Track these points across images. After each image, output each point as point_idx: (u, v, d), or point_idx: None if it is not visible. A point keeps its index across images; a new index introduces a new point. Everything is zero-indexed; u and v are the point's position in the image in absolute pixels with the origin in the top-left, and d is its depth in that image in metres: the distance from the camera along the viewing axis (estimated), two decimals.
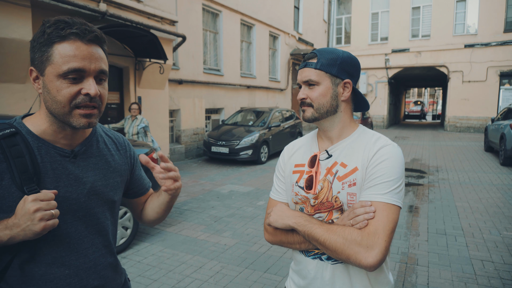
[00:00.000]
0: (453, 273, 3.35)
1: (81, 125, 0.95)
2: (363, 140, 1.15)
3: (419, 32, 18.63)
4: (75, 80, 0.91)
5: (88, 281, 1.03)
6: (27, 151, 0.93)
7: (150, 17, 6.91)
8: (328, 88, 1.13)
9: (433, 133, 17.75)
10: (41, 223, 0.85)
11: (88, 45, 0.92)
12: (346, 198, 1.09)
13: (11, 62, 4.88)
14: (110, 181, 1.10)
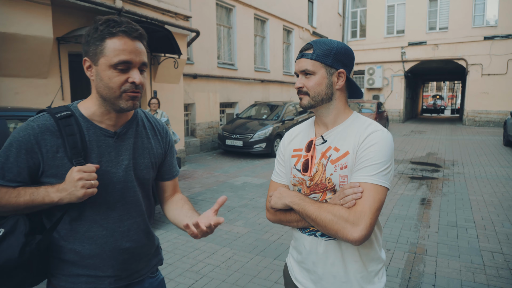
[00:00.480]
0: (462, 263, 3.38)
1: (128, 106, 1.12)
2: (356, 126, 1.22)
3: (437, 25, 18.24)
4: (123, 70, 1.08)
5: (122, 243, 1.20)
6: (78, 131, 1.12)
7: (165, 12, 7.05)
8: (323, 77, 1.20)
9: (451, 128, 17.43)
10: (82, 190, 1.03)
11: (133, 41, 1.09)
12: (338, 179, 1.18)
13: (33, 58, 5.10)
14: (145, 160, 1.25)
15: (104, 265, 1.18)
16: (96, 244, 1.16)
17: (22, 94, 5.11)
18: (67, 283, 1.17)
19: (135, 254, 1.25)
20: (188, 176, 7.24)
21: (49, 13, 5.10)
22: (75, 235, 1.15)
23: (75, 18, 5.74)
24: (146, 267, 1.32)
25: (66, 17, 5.60)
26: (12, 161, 1.08)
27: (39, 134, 1.08)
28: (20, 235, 1.07)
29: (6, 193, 1.07)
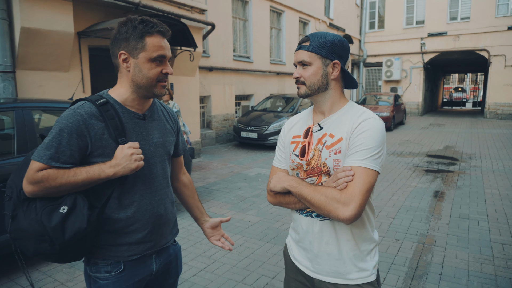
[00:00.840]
0: (470, 254, 3.41)
1: (161, 92, 1.34)
2: (350, 114, 1.30)
3: (458, 15, 17.73)
4: (160, 63, 1.30)
5: (158, 209, 1.41)
6: (116, 115, 1.29)
7: (181, 6, 7.17)
8: (319, 68, 1.28)
9: (471, 121, 17.02)
10: (135, 162, 1.24)
11: (165, 39, 1.32)
12: (332, 164, 1.26)
13: (56, 52, 5.32)
14: (167, 138, 1.47)
15: (143, 231, 1.36)
16: (138, 211, 1.35)
17: (45, 86, 5.34)
18: (112, 252, 1.33)
19: (166, 220, 1.45)
20: (204, 167, 7.41)
21: (70, 9, 5.30)
22: (120, 207, 1.32)
23: (95, 13, 5.93)
24: (170, 234, 1.52)
25: (86, 12, 5.79)
26: (64, 145, 1.21)
27: (87, 119, 1.24)
28: (84, 209, 1.23)
29: (64, 174, 1.21)
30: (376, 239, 1.36)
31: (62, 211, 1.21)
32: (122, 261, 1.35)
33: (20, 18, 4.77)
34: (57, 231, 1.18)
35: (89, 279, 1.37)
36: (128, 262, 1.36)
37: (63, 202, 1.23)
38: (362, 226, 1.30)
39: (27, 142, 3.06)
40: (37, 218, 1.20)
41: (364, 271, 1.29)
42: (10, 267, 3.19)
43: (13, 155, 2.99)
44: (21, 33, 4.82)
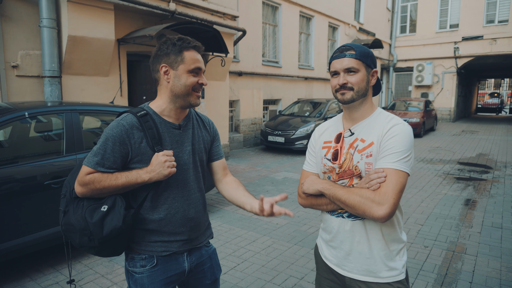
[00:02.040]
0: (503, 264, 3.36)
1: (196, 102, 1.47)
2: (379, 120, 1.40)
3: (495, 17, 17.11)
4: (196, 74, 1.44)
5: (189, 212, 1.52)
6: (154, 125, 1.44)
7: (214, 13, 7.41)
8: (364, 74, 1.39)
9: (507, 128, 16.34)
10: (168, 169, 1.36)
11: (199, 53, 1.48)
12: (364, 166, 1.35)
13: (97, 58, 5.66)
14: (201, 146, 1.59)
15: (175, 231, 1.49)
16: (170, 214, 1.47)
17: (87, 90, 5.70)
18: (147, 247, 1.48)
19: (197, 223, 1.56)
20: (231, 170, 7.58)
21: (111, 17, 5.63)
22: (154, 209, 1.46)
23: (134, 20, 6.25)
24: (203, 236, 1.62)
25: (126, 19, 6.12)
26: (109, 152, 1.38)
27: (129, 130, 1.39)
28: (121, 209, 1.38)
29: (108, 178, 1.37)
30: (405, 240, 1.44)
31: (102, 210, 1.37)
32: (155, 256, 1.47)
33: (68, 27, 5.13)
34: (96, 227, 1.34)
35: (127, 273, 1.52)
36: (161, 257, 1.48)
37: (104, 202, 1.39)
38: (392, 226, 1.38)
39: (75, 143, 3.31)
40: (82, 214, 1.37)
41: (394, 270, 1.37)
42: (55, 258, 3.46)
43: (61, 155, 3.25)
44: (68, 40, 5.18)
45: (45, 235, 3.05)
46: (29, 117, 3.17)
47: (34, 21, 5.18)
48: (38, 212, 3.01)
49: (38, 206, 3.01)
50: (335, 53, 1.44)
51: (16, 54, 5.06)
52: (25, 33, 5.13)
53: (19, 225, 2.91)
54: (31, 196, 2.95)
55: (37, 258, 3.44)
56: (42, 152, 3.36)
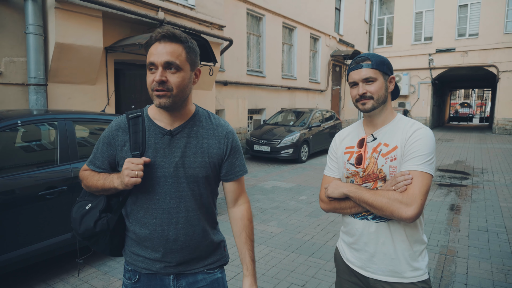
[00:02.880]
0: (493, 265, 3.49)
1: (158, 103, 1.23)
2: (401, 125, 1.44)
3: (466, 31, 17.99)
4: (151, 71, 1.24)
5: (169, 233, 1.31)
6: (142, 129, 1.30)
7: (201, 23, 7.44)
8: (383, 82, 1.43)
9: (479, 136, 17.06)
10: (126, 178, 1.20)
11: (168, 43, 1.22)
12: (388, 170, 1.39)
13: (84, 66, 5.55)
14: (197, 159, 1.31)
15: (154, 250, 1.33)
16: (148, 229, 1.31)
17: (74, 99, 5.57)
18: (130, 259, 1.38)
19: (183, 248, 1.33)
20: None
21: (100, 25, 5.55)
22: (134, 219, 1.35)
23: (122, 28, 6.19)
24: (199, 262, 1.38)
25: (114, 27, 6.05)
26: (99, 152, 1.36)
27: (114, 131, 1.33)
28: (97, 211, 1.32)
29: (93, 177, 1.35)
30: (426, 241, 1.48)
31: (86, 208, 1.35)
32: (138, 272, 1.37)
33: (55, 34, 5.02)
34: (76, 223, 1.33)
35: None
36: (144, 274, 1.36)
37: (93, 200, 1.37)
38: (415, 227, 1.42)
39: (69, 151, 3.23)
40: (73, 208, 1.39)
41: (418, 270, 1.41)
42: (48, 272, 3.32)
43: (55, 164, 3.15)
44: (55, 48, 5.07)
45: (38, 248, 2.93)
46: (22, 125, 3.07)
47: (19, 27, 5.04)
48: (31, 225, 2.89)
49: (32, 218, 2.89)
50: (351, 64, 1.47)
51: (0, 61, 4.90)
52: (9, 39, 4.98)
53: (11, 238, 2.78)
54: (24, 208, 2.84)
55: (29, 273, 3.29)
56: (35, 162, 3.24)
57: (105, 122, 3.76)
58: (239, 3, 10.35)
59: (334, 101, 16.96)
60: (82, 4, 5.22)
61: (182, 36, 1.24)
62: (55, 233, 3.05)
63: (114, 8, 5.55)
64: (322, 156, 10.72)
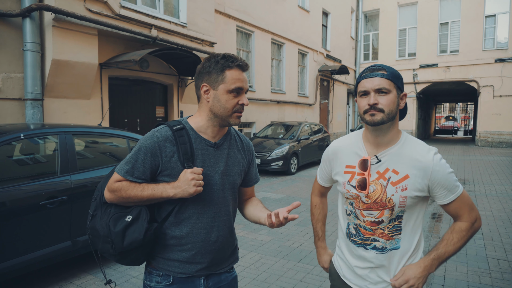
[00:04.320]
0: (469, 268, 3.72)
1: (236, 122, 1.41)
2: (410, 149, 1.35)
3: (447, 48, 18.72)
4: (237, 94, 1.38)
5: (211, 236, 1.43)
6: (188, 140, 1.38)
7: (193, 40, 7.72)
8: (395, 96, 1.31)
9: (463, 148, 17.60)
10: (194, 188, 1.28)
11: (243, 71, 1.40)
12: (399, 200, 1.32)
13: (80, 81, 5.74)
14: (235, 168, 1.49)
15: (195, 253, 1.40)
16: (192, 234, 1.39)
17: (69, 113, 5.73)
18: (164, 265, 1.42)
19: (220, 248, 1.46)
20: None
21: (95, 42, 5.77)
22: (177, 225, 1.40)
23: (116, 45, 6.42)
24: (226, 261, 1.52)
25: (108, 44, 6.27)
26: (140, 162, 1.34)
27: (162, 142, 1.35)
28: (144, 222, 1.33)
29: (134, 187, 1.34)
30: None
31: (127, 220, 1.34)
32: (172, 276, 1.42)
33: (52, 51, 5.22)
34: (118, 236, 1.31)
35: (144, 285, 1.49)
36: (178, 278, 1.42)
37: (130, 212, 1.36)
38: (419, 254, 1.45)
39: (68, 163, 3.39)
40: (107, 221, 1.35)
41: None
42: (45, 281, 3.44)
43: (56, 175, 3.31)
44: (52, 64, 5.26)
45: (40, 255, 3.06)
46: (25, 138, 3.24)
47: (17, 44, 5.23)
48: (34, 232, 3.03)
49: (34, 226, 3.03)
50: (364, 72, 1.36)
51: None
52: (7, 56, 5.16)
53: (16, 245, 2.92)
54: (27, 216, 2.99)
55: (27, 281, 3.40)
56: (36, 173, 3.40)
57: (102, 136, 3.94)
58: (229, 20, 10.71)
59: (322, 114, 17.35)
60: (78, 23, 5.44)
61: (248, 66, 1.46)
62: (55, 241, 3.19)
63: (109, 26, 5.78)
64: (311, 168, 10.97)
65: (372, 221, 1.38)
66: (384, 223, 1.37)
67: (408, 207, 1.35)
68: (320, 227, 1.72)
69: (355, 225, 1.44)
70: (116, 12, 5.95)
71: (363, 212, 1.39)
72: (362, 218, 1.41)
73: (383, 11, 20.34)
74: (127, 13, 6.12)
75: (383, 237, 1.38)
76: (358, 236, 1.44)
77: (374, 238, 1.39)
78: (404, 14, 19.90)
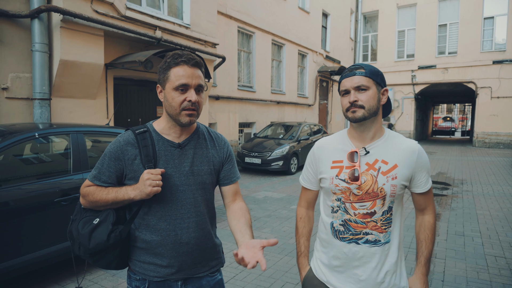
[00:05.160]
0: (468, 265, 3.85)
1: (186, 121, 1.36)
2: (395, 141, 1.44)
3: (446, 49, 18.90)
4: (182, 91, 1.34)
5: (181, 237, 1.41)
6: (151, 142, 1.39)
7: (196, 41, 7.82)
8: (375, 92, 1.37)
9: (461, 149, 17.77)
10: (149, 188, 1.27)
11: (193, 68, 1.35)
12: (390, 189, 1.37)
13: (86, 81, 5.83)
14: (203, 167, 1.46)
15: (167, 256, 1.40)
16: (161, 236, 1.39)
17: (75, 113, 5.82)
18: (140, 268, 1.43)
19: (193, 250, 1.43)
20: None
21: (101, 43, 5.86)
22: (146, 227, 1.40)
23: (121, 46, 6.51)
24: (205, 266, 1.49)
25: (113, 45, 6.36)
26: (105, 167, 1.39)
27: (124, 146, 1.39)
28: (109, 224, 1.36)
29: (100, 191, 1.37)
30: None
31: (94, 222, 1.37)
32: (147, 280, 1.42)
33: (60, 52, 5.31)
34: (84, 238, 1.34)
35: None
36: (153, 282, 1.42)
37: (99, 215, 1.39)
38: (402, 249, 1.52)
39: (81, 162, 3.49)
40: (79, 225, 1.39)
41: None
42: (60, 274, 3.54)
43: (69, 173, 3.41)
44: (60, 64, 5.35)
45: (54, 250, 3.17)
46: (39, 137, 3.34)
47: (25, 45, 5.31)
48: (48, 228, 3.13)
49: (49, 223, 3.14)
50: (344, 72, 1.43)
51: (7, 76, 5.15)
52: (16, 56, 5.24)
53: (31, 241, 3.02)
54: (42, 213, 3.09)
55: (41, 275, 3.50)
56: (50, 171, 3.50)
57: (110, 135, 4.04)
58: (230, 21, 10.82)
59: (321, 115, 17.48)
60: (85, 24, 5.53)
61: (201, 61, 1.42)
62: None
63: (115, 27, 5.88)
64: None
65: (364, 213, 1.39)
66: (377, 214, 1.39)
67: (397, 197, 1.40)
68: (303, 242, 1.64)
69: (343, 221, 1.43)
70: (122, 13, 6.05)
71: (354, 205, 1.40)
72: (353, 212, 1.41)
73: (382, 12, 20.50)
74: (133, 14, 6.21)
75: (376, 229, 1.39)
76: (347, 232, 1.42)
77: (366, 231, 1.40)
78: (403, 15, 20.08)
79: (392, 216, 1.41)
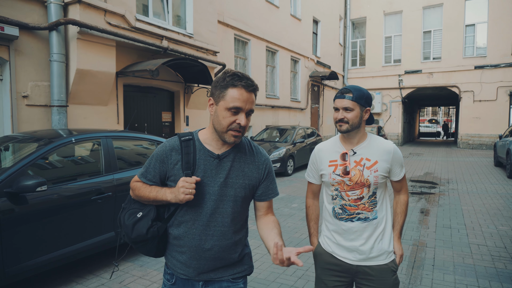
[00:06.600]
0: (454, 252, 4.35)
1: (230, 140, 1.43)
2: (376, 143, 1.85)
3: (431, 55, 19.70)
4: (234, 113, 1.39)
5: (204, 243, 1.48)
6: (193, 151, 1.47)
7: (198, 49, 8.23)
8: (358, 112, 1.77)
9: (446, 150, 18.53)
10: (182, 195, 1.35)
11: (249, 93, 1.41)
12: (373, 179, 1.78)
13: (98, 89, 6.18)
14: (239, 181, 1.50)
15: (189, 256, 1.49)
16: (187, 237, 1.48)
17: (88, 118, 6.16)
18: (170, 263, 1.55)
19: (215, 257, 1.49)
20: None
21: (113, 53, 6.23)
22: (177, 227, 1.51)
23: (130, 55, 6.88)
24: (227, 271, 1.54)
25: (123, 54, 6.73)
26: (151, 167, 1.51)
27: (169, 151, 1.49)
28: (149, 220, 1.48)
29: (145, 188, 1.49)
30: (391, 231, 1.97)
31: (137, 216, 1.50)
32: (175, 275, 1.53)
33: (77, 61, 5.67)
34: (128, 229, 1.48)
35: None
36: (179, 279, 1.52)
37: (143, 209, 1.52)
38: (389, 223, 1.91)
39: (111, 164, 3.87)
40: (125, 215, 1.53)
41: (390, 253, 1.88)
42: (93, 265, 3.90)
43: (101, 174, 3.79)
44: (76, 73, 5.70)
45: (90, 243, 3.54)
46: (76, 142, 3.71)
47: (43, 55, 5.65)
48: (87, 223, 3.51)
49: (88, 218, 3.51)
50: (338, 93, 1.82)
51: (27, 85, 5.48)
52: (35, 66, 5.58)
53: (73, 234, 3.39)
54: (82, 209, 3.47)
55: (78, 266, 3.86)
56: (85, 172, 3.87)
57: (134, 139, 4.42)
58: (227, 29, 11.25)
59: (313, 118, 18.03)
60: (99, 35, 5.90)
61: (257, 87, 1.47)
62: (103, 231, 3.67)
63: (127, 38, 6.26)
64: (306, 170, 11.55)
65: (355, 198, 1.80)
66: (364, 198, 1.79)
67: (380, 185, 1.81)
68: (313, 225, 2.05)
69: (341, 206, 1.84)
70: (132, 25, 6.42)
71: (347, 193, 1.80)
72: (347, 198, 1.81)
73: (370, 19, 21.23)
74: (142, 26, 6.60)
75: (365, 209, 1.80)
76: (344, 213, 1.83)
77: (358, 212, 1.81)
78: (390, 22, 20.84)
79: (376, 199, 1.82)
